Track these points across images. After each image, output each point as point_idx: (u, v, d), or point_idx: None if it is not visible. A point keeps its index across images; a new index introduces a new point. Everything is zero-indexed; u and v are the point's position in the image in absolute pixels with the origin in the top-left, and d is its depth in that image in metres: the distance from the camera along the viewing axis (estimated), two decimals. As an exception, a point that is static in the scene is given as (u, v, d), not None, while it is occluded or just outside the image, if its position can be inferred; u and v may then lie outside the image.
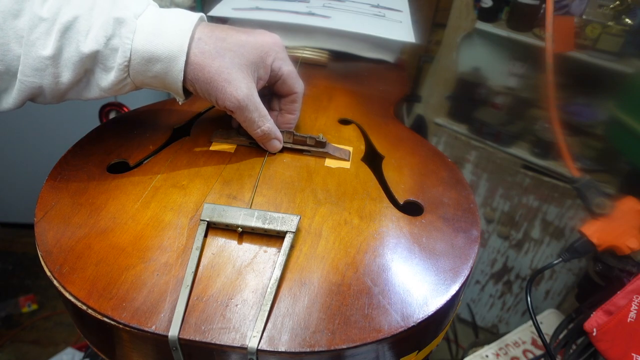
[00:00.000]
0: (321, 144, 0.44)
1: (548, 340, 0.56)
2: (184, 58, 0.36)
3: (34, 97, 0.37)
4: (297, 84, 0.43)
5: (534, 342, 0.67)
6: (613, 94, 0.73)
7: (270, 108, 0.44)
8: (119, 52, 0.35)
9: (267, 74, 0.41)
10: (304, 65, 0.65)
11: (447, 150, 1.05)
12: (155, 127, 0.47)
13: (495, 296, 1.11)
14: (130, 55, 0.35)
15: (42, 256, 0.32)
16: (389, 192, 0.41)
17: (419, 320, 0.30)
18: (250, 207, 0.37)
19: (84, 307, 0.29)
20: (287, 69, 0.42)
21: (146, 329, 0.28)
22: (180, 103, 0.40)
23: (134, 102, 0.47)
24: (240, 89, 0.38)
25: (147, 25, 0.35)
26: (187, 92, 0.40)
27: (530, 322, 0.66)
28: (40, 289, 1.32)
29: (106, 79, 0.36)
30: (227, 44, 0.37)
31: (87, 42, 0.34)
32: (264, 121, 0.40)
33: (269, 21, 0.67)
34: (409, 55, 0.94)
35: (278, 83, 0.42)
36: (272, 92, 0.45)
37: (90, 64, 0.35)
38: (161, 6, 0.38)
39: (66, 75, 0.35)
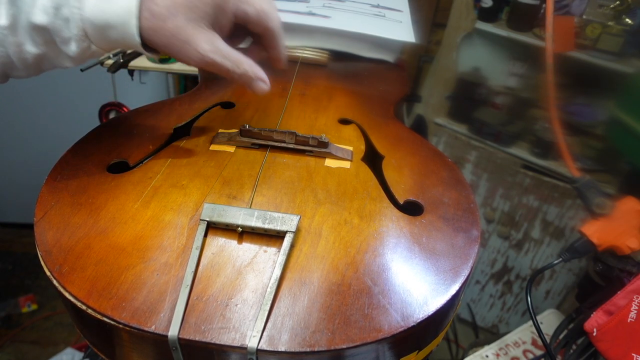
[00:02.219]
0: (323, 144, 0.44)
1: (548, 341, 0.56)
2: (134, 21, 0.34)
3: (8, 70, 0.36)
4: (269, 20, 0.39)
5: (534, 342, 0.67)
6: (613, 94, 0.73)
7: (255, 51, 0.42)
8: (70, 22, 0.34)
9: (230, 21, 0.38)
10: (304, 65, 0.65)
11: (447, 150, 1.05)
12: (155, 126, 0.47)
13: (495, 296, 1.11)
14: (83, 24, 0.34)
15: (41, 256, 0.32)
16: (389, 192, 0.41)
17: (419, 320, 0.30)
18: (250, 207, 0.37)
19: (84, 307, 0.29)
20: (253, 9, 0.38)
21: (146, 328, 0.28)
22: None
23: (134, 102, 0.47)
24: (200, 47, 0.36)
25: None
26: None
27: (530, 322, 0.66)
28: (40, 289, 1.32)
29: (70, 49, 0.35)
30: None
31: (36, 12, 0.33)
32: (238, 65, 0.38)
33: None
34: (409, 55, 0.94)
35: (249, 26, 0.40)
36: (251, 34, 0.42)
37: (48, 35, 0.34)
38: None
39: (28, 45, 0.35)
